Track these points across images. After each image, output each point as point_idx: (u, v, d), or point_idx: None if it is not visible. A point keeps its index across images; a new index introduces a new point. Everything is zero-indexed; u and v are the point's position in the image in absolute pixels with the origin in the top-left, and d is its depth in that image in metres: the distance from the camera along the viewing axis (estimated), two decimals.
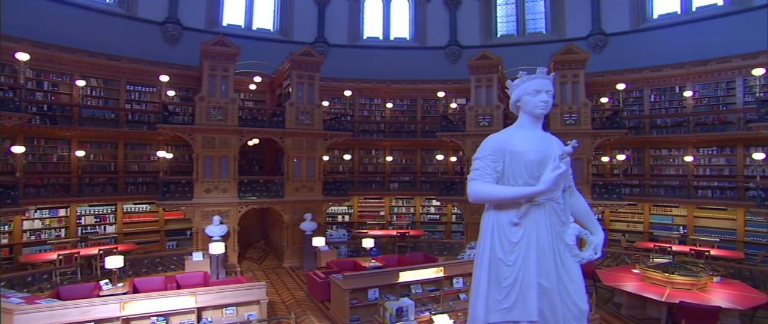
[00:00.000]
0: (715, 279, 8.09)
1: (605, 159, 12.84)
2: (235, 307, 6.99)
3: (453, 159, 14.62)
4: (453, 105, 14.77)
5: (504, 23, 16.15)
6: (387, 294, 7.93)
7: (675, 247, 11.21)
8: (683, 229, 12.26)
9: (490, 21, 16.11)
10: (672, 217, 12.54)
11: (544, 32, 15.62)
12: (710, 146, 12.12)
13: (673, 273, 7.88)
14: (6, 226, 10.35)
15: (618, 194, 11.07)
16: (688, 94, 12.14)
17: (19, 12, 10.96)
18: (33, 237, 10.74)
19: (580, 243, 3.01)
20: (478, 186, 2.79)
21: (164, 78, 11.32)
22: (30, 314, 5.74)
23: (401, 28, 16.79)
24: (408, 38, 16.69)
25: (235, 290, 6.88)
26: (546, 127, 11.71)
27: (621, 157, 11.76)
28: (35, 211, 10.80)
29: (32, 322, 5.67)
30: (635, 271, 8.76)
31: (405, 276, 8.06)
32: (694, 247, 11.01)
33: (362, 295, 7.81)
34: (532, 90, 2.88)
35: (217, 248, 9.56)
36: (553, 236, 2.80)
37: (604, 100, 12.80)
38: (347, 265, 10.25)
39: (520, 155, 2.78)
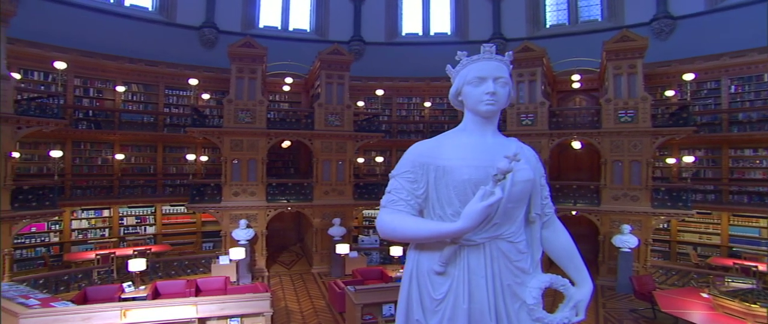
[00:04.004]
0: None
1: (671, 161, 11.15)
2: (239, 318, 6.69)
3: None
4: None
5: (553, 12, 14.73)
6: None
7: (762, 267, 9.43)
8: None
9: (538, 10, 14.78)
10: (759, 230, 10.58)
11: (599, 20, 14.02)
12: None
13: (755, 303, 6.43)
14: (57, 226, 11.00)
15: (684, 201, 9.49)
16: None
17: (66, 22, 11.59)
18: (80, 236, 11.32)
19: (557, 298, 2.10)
20: (386, 217, 1.95)
21: (193, 81, 11.47)
22: (34, 318, 5.79)
23: (442, 22, 15.95)
24: (449, 33, 15.81)
25: (237, 301, 6.58)
26: (596, 124, 10.49)
27: (688, 159, 10.10)
28: (82, 212, 11.37)
29: None
30: (705, 295, 7.35)
31: None
32: None
33: (377, 309, 7.22)
34: (473, 77, 2.01)
35: (238, 253, 9.41)
36: (498, 292, 1.92)
37: (669, 93, 11.12)
38: (373, 274, 9.71)
39: (449, 173, 1.92)
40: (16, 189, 8.42)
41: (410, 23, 15.94)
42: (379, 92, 13.19)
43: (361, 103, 13.49)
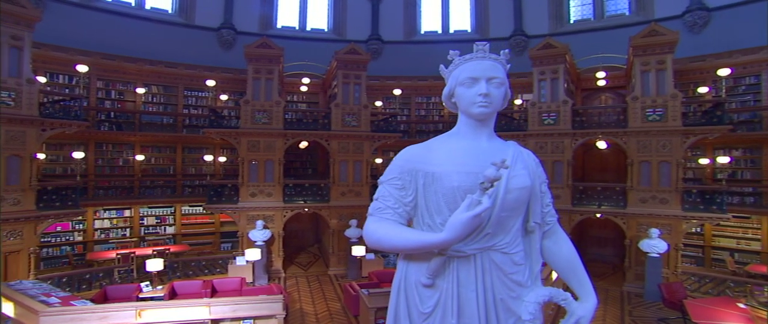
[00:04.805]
0: None
1: (704, 161, 10.57)
2: (252, 320, 6.63)
3: None
4: (517, 101, 13.37)
5: (578, 7, 14.21)
6: None
7: None
8: None
9: (562, 5, 14.29)
10: None
11: (626, 14, 13.42)
12: None
13: None
14: (80, 225, 11.26)
15: (719, 204, 8.95)
16: None
17: (89, 26, 11.85)
18: (102, 236, 11.55)
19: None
20: (371, 226, 1.83)
21: (211, 83, 11.54)
22: (53, 316, 5.85)
23: (461, 20, 15.64)
24: (469, 31, 15.50)
25: (250, 303, 6.52)
26: (622, 123, 10.00)
27: (723, 160, 9.53)
28: (104, 212, 11.60)
29: None
30: (742, 305, 6.88)
31: None
32: None
33: None
34: (465, 78, 1.87)
35: (253, 254, 9.39)
36: (490, 306, 1.79)
37: (703, 90, 10.53)
38: (389, 277, 9.52)
39: (438, 180, 1.80)
40: (40, 189, 8.61)
41: (429, 21, 15.70)
42: (397, 92, 13.01)
43: (378, 103, 13.34)
